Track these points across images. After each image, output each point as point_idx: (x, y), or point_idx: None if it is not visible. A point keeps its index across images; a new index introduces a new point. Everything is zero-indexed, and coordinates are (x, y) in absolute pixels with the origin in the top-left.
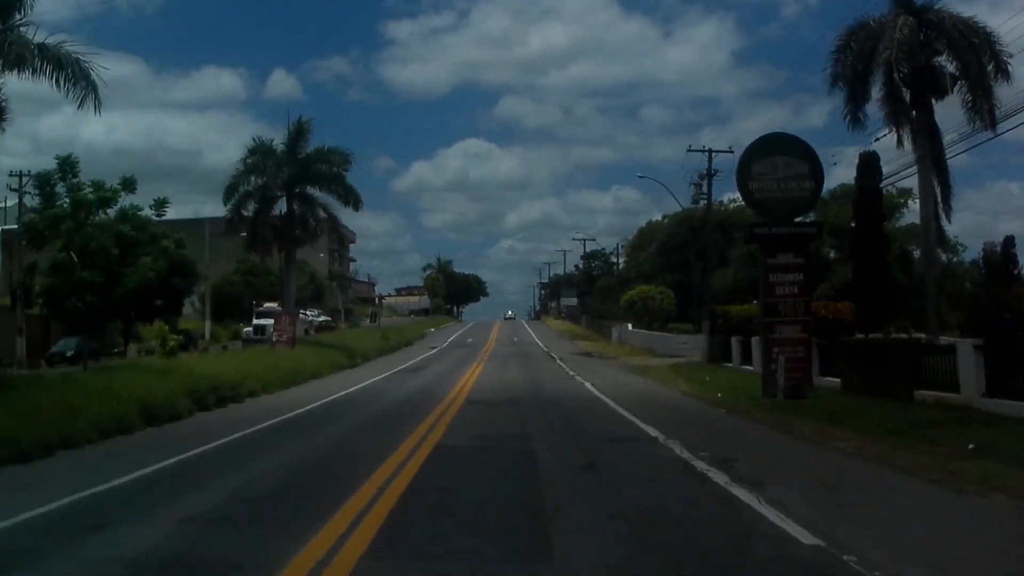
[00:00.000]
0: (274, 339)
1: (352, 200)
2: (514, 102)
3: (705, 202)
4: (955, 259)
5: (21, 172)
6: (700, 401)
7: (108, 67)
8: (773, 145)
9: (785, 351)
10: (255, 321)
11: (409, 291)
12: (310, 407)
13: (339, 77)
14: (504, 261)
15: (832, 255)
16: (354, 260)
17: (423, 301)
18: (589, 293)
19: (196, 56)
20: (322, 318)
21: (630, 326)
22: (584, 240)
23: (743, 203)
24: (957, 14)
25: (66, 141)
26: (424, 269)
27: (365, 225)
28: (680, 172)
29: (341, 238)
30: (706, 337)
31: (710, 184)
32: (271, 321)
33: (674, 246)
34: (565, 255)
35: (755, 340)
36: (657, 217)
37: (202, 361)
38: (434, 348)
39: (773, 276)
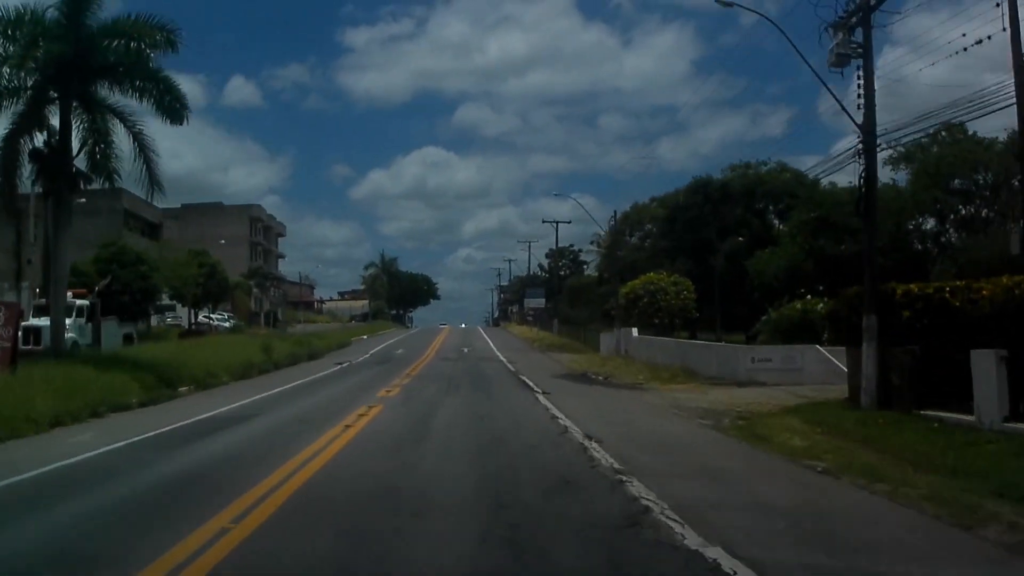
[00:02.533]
0: None
1: (170, 106)
2: (473, 110)
3: (860, 60)
4: None
5: None
6: None
7: None
8: None
9: None
10: (30, 320)
11: (354, 295)
12: None
13: (297, 84)
14: (461, 270)
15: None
16: (283, 256)
17: (366, 305)
18: (560, 292)
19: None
20: (230, 322)
21: (635, 331)
22: (556, 224)
23: (779, 165)
24: None
25: None
26: (366, 268)
27: (323, 233)
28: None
29: (266, 229)
30: (871, 351)
31: (868, 32)
32: (46, 321)
33: (686, 222)
34: (530, 246)
35: None
36: (644, 200)
37: None
38: (340, 364)
39: None
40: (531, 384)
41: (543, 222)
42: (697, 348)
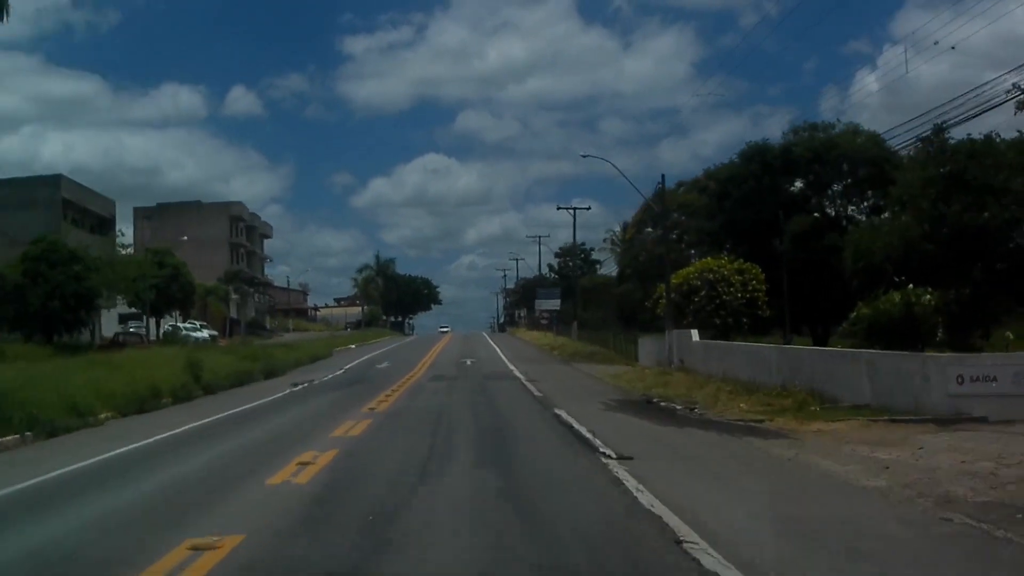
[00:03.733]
0: None
1: None
2: (473, 116)
3: None
4: None
5: None
6: None
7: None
8: None
9: None
10: None
11: (350, 301)
12: None
13: (297, 93)
14: (464, 277)
15: None
16: (268, 259)
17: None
18: (575, 292)
19: (155, 73)
20: (206, 333)
21: (695, 335)
22: (574, 210)
23: (850, 127)
24: None
25: (25, 160)
26: (359, 270)
27: (325, 242)
28: None
29: (249, 229)
30: None
31: None
32: None
33: (742, 197)
34: (540, 241)
35: None
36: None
37: None
38: (296, 386)
39: None
40: (582, 430)
41: (558, 208)
42: (824, 359)
